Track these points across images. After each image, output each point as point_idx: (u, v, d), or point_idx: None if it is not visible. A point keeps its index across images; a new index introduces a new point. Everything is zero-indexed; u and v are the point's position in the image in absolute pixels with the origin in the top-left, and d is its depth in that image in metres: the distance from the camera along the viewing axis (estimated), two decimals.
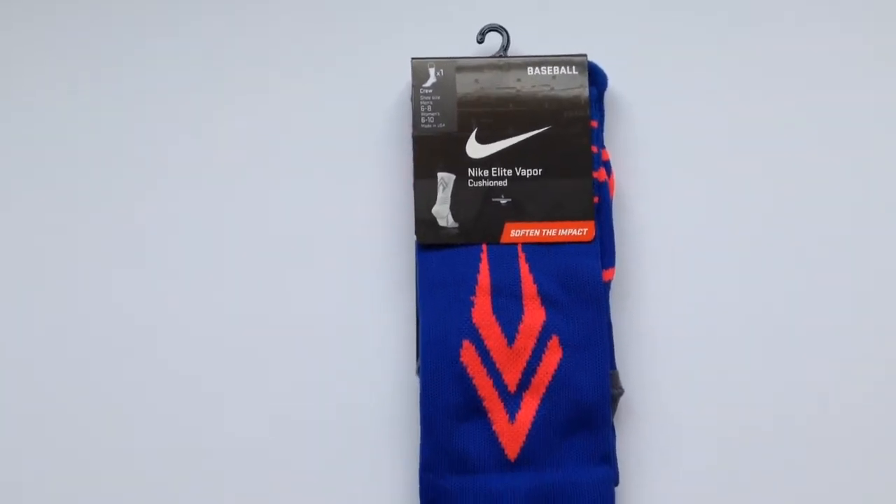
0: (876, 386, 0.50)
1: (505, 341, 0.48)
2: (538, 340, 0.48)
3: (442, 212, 0.50)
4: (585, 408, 0.48)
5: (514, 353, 0.48)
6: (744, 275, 0.51)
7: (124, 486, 0.50)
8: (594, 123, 0.51)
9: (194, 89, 0.53)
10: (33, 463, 0.50)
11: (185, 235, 0.52)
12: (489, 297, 0.48)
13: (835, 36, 0.53)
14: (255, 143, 0.53)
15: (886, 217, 0.51)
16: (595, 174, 0.50)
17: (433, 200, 0.50)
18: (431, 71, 0.51)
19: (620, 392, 0.49)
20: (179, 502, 0.50)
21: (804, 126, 0.52)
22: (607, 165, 0.51)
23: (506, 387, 0.48)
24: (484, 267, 0.49)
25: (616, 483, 0.48)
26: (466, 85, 0.51)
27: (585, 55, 0.51)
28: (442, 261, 0.49)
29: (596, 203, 0.50)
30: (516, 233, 0.50)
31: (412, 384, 0.50)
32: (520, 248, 0.49)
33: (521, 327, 0.48)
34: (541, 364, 0.48)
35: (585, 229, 0.49)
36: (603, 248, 0.50)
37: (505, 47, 0.52)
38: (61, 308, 0.51)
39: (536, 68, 0.51)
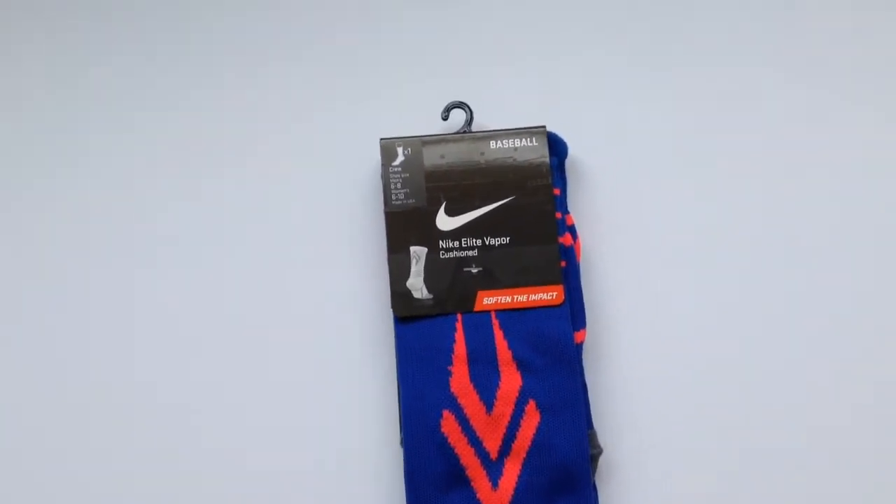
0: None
1: (484, 408, 0.49)
2: (516, 405, 0.49)
3: (416, 284, 0.52)
4: (566, 469, 0.49)
5: (494, 419, 0.49)
6: (714, 325, 0.53)
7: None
8: (557, 191, 0.53)
9: (174, 162, 0.55)
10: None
11: (171, 309, 0.53)
12: (466, 366, 0.50)
13: (798, 81, 0.54)
14: (230, 219, 0.54)
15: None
16: (561, 239, 0.52)
17: (407, 274, 0.52)
18: (399, 150, 0.53)
19: (599, 451, 0.50)
20: None
21: (769, 182, 0.54)
22: (572, 230, 0.53)
23: (487, 454, 0.49)
24: (459, 336, 0.50)
25: None
26: (433, 160, 0.53)
27: (545, 126, 0.53)
28: (419, 332, 0.51)
29: (563, 267, 0.52)
30: (489, 300, 0.51)
31: (397, 455, 0.51)
32: (493, 315, 0.51)
33: (498, 393, 0.49)
34: (520, 429, 0.49)
35: (555, 293, 0.51)
36: (573, 311, 0.51)
37: (469, 122, 0.54)
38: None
39: (499, 141, 0.53)
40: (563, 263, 0.52)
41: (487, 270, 0.51)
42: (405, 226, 0.52)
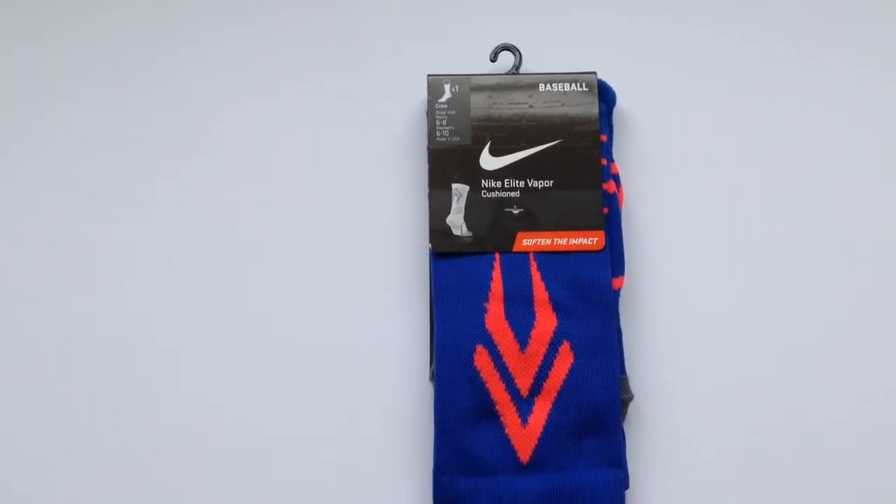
0: (886, 392, 0.51)
1: (517, 346, 0.49)
2: (550, 346, 0.49)
3: (456, 221, 0.51)
4: (596, 412, 0.49)
5: (527, 358, 0.49)
6: (751, 282, 0.52)
7: (129, 486, 0.51)
8: (604, 137, 0.52)
9: (215, 104, 0.55)
10: (34, 466, 0.51)
11: (200, 245, 0.53)
12: (502, 304, 0.50)
13: (842, 49, 0.54)
14: (275, 153, 0.54)
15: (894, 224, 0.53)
16: (605, 186, 0.52)
17: (448, 210, 0.52)
18: (447, 87, 0.53)
19: (630, 397, 0.50)
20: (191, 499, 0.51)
21: (811, 136, 0.54)
22: (616, 178, 0.52)
23: (518, 391, 0.49)
24: (497, 275, 0.50)
25: (626, 487, 0.49)
26: (480, 100, 0.52)
27: (595, 73, 0.53)
28: (456, 269, 0.51)
29: (605, 214, 0.51)
30: (528, 242, 0.51)
31: (426, 390, 0.51)
32: (531, 256, 0.51)
33: (533, 333, 0.49)
34: (552, 369, 0.49)
35: (595, 238, 0.51)
36: (613, 258, 0.51)
37: (517, 65, 0.54)
38: (67, 312, 0.53)
39: (548, 85, 0.53)
40: (605, 210, 0.51)
41: (528, 212, 0.51)
42: (448, 163, 0.52)
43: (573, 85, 0.53)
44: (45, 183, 0.54)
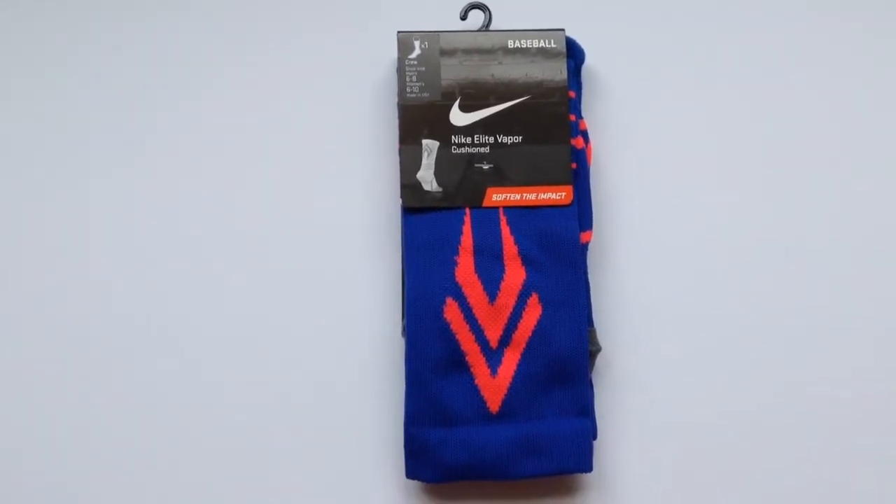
0: (855, 360, 0.52)
1: (487, 299, 0.50)
2: (518, 298, 0.50)
3: (426, 177, 0.52)
4: (564, 362, 0.49)
5: (496, 310, 0.50)
6: (718, 240, 0.53)
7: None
8: (572, 94, 0.53)
9: (184, 67, 0.55)
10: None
11: (173, 207, 0.54)
12: (472, 257, 0.50)
13: (819, 12, 0.55)
14: (244, 107, 0.54)
15: (868, 209, 0.53)
16: (573, 141, 0.52)
17: (418, 166, 0.52)
18: (416, 43, 0.53)
19: (598, 349, 0.51)
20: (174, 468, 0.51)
21: (781, 99, 0.54)
22: (585, 134, 0.53)
23: (487, 342, 0.50)
24: (467, 229, 0.51)
25: (594, 437, 0.50)
26: (450, 57, 0.53)
27: (563, 29, 0.53)
28: (426, 223, 0.51)
29: (574, 169, 0.52)
30: (498, 197, 0.52)
31: (397, 343, 0.52)
32: (501, 211, 0.51)
33: (502, 285, 0.50)
34: (521, 320, 0.50)
35: (563, 193, 0.51)
36: (581, 212, 0.52)
37: (487, 24, 0.54)
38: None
39: (516, 42, 0.53)
40: (573, 165, 0.52)
41: (498, 167, 0.52)
42: (418, 119, 0.52)
43: (542, 41, 0.53)
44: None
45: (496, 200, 0.52)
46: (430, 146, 0.52)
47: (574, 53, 0.53)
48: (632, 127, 0.54)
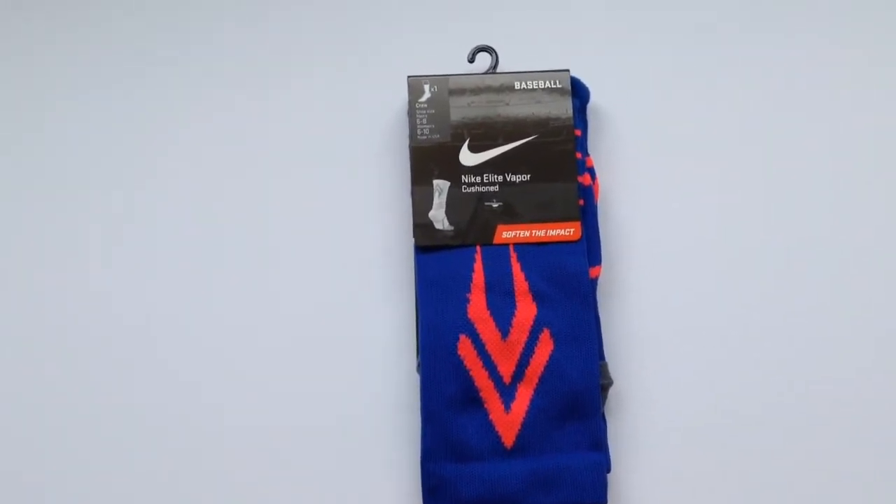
0: (858, 376, 0.53)
1: (499, 335, 0.51)
2: (530, 333, 0.51)
3: (438, 216, 0.53)
4: (576, 396, 0.50)
5: (508, 346, 0.51)
6: (724, 271, 0.54)
7: (122, 486, 0.52)
8: (578, 132, 0.54)
9: (200, 100, 0.56)
10: (33, 466, 0.52)
11: (186, 242, 0.55)
12: (484, 295, 0.51)
13: (819, 41, 0.56)
14: (265, 152, 0.56)
15: (870, 218, 0.54)
16: (580, 178, 0.53)
17: (430, 205, 0.53)
18: (426, 87, 0.55)
19: (610, 382, 0.52)
20: (183, 498, 0.52)
21: (785, 129, 0.55)
22: (591, 171, 0.54)
23: (501, 378, 0.51)
24: (478, 266, 0.52)
25: (608, 470, 0.51)
26: (459, 99, 0.54)
27: (568, 70, 0.55)
28: (439, 261, 0.52)
29: (581, 206, 0.53)
30: (508, 234, 0.53)
31: (413, 380, 0.53)
32: (511, 248, 0.52)
33: (514, 321, 0.51)
34: (533, 356, 0.51)
35: (572, 229, 0.53)
36: (589, 248, 0.53)
37: (494, 66, 0.55)
38: (55, 307, 0.54)
39: (523, 83, 0.55)
40: (581, 202, 0.53)
41: (508, 205, 0.53)
42: (429, 160, 0.54)
43: (547, 82, 0.54)
44: (36, 181, 0.56)
45: (506, 238, 0.53)
46: (441, 186, 0.53)
47: (579, 92, 0.55)
48: (638, 162, 0.55)
